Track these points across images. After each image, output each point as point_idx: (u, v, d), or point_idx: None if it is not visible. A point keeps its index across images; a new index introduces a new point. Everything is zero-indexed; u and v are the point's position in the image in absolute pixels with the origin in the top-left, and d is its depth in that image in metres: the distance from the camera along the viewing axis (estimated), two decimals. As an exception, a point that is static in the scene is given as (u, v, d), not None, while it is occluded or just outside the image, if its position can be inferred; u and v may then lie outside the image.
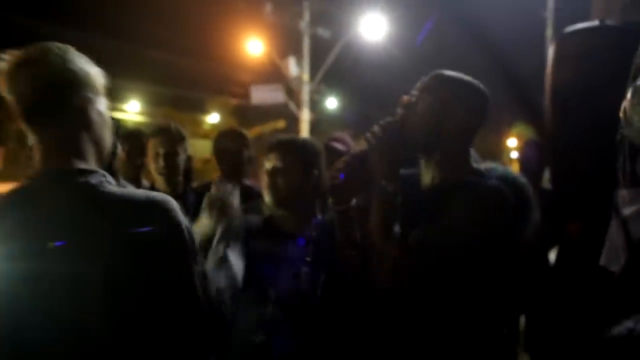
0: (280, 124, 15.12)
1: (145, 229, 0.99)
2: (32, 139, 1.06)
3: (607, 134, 1.49)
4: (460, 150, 1.41)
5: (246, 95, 13.11)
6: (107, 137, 1.12)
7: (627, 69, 1.46)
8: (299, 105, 12.26)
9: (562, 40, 2.09)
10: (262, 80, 12.81)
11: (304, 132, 12.18)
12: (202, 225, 1.48)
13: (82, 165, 1.04)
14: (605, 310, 1.35)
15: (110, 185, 1.05)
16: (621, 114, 1.30)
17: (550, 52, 2.11)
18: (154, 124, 2.45)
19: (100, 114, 1.10)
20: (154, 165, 2.28)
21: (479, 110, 1.41)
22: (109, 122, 1.13)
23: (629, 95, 1.27)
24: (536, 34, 11.13)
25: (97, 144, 1.10)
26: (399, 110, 1.40)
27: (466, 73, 1.45)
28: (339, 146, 2.63)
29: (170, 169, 2.25)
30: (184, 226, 1.05)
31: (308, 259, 1.64)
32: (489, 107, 1.43)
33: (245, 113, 15.99)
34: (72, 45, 1.09)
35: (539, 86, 2.19)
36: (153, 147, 2.29)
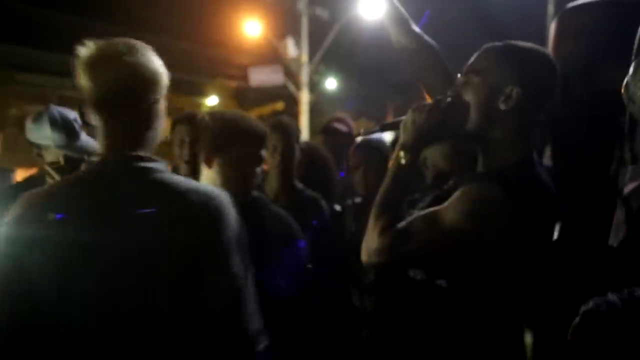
0: (280, 105, 15.05)
1: (205, 216, 1.08)
2: (97, 125, 1.13)
3: (608, 111, 1.48)
4: (512, 135, 1.24)
5: (245, 78, 13.03)
6: (161, 133, 1.20)
7: (630, 44, 1.44)
8: (298, 86, 12.19)
9: (564, 16, 2.06)
10: (260, 62, 12.71)
11: (304, 113, 12.13)
12: None
13: (146, 155, 1.13)
14: (603, 283, 1.36)
15: (172, 174, 1.13)
16: (623, 91, 1.29)
17: (552, 28, 2.09)
18: (180, 113, 2.43)
19: (161, 112, 1.18)
20: (179, 152, 2.28)
21: (541, 85, 1.24)
22: (164, 119, 1.20)
23: (631, 71, 1.25)
24: (538, 9, 11.00)
25: (154, 138, 1.17)
26: (449, 93, 1.26)
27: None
28: (340, 127, 2.62)
29: (195, 157, 2.26)
30: (236, 225, 1.13)
31: (309, 265, 1.61)
32: (556, 76, 1.26)
33: (244, 95, 15.91)
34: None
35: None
36: (179, 134, 2.28)
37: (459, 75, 1.30)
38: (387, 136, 2.34)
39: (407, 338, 1.35)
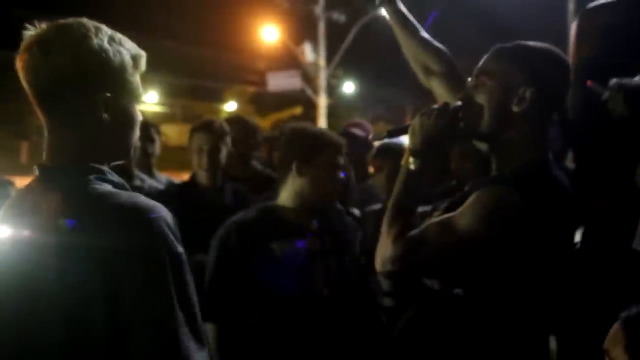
0: (298, 110, 15.12)
1: (116, 238, 0.85)
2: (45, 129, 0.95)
3: (631, 111, 1.45)
4: (526, 137, 1.21)
5: (263, 83, 13.12)
6: (129, 137, 0.98)
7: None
8: (315, 91, 12.22)
9: (586, 15, 2.03)
10: (278, 67, 12.78)
11: (322, 117, 12.15)
12: None
13: (85, 164, 0.92)
14: (628, 289, 1.32)
15: (103, 186, 0.91)
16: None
17: (573, 27, 2.05)
18: (199, 119, 2.50)
19: (122, 111, 0.95)
20: (196, 161, 2.31)
21: (554, 84, 1.22)
22: (133, 120, 0.98)
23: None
24: (558, 8, 10.86)
25: (115, 143, 0.96)
26: (460, 96, 1.24)
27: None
28: (358, 132, 2.61)
29: (213, 164, 2.28)
30: (168, 241, 0.87)
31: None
32: (569, 75, 1.23)
33: (262, 100, 16.02)
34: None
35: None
36: (196, 142, 2.31)
37: (469, 78, 1.27)
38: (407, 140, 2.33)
39: (427, 347, 1.33)
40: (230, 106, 17.70)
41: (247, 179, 2.59)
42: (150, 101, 16.11)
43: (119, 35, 0.95)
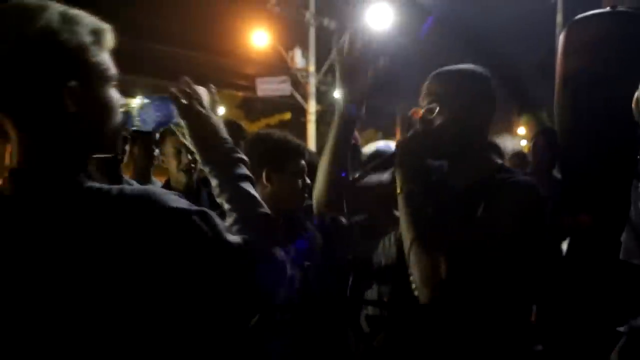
0: (287, 116, 15.10)
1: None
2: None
3: (618, 124, 1.46)
4: (483, 145, 1.34)
5: (252, 88, 13.08)
6: (108, 126, 0.85)
7: (638, 56, 1.42)
8: (305, 97, 12.22)
9: (573, 28, 2.05)
10: (268, 72, 12.76)
11: (311, 123, 12.15)
12: None
13: (61, 169, 0.81)
14: (623, 302, 1.33)
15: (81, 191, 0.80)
16: (633, 104, 1.27)
17: (561, 39, 2.07)
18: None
19: (92, 99, 0.82)
20: (174, 162, 2.27)
21: (492, 97, 1.34)
22: (109, 106, 0.85)
23: (641, 84, 1.23)
24: (546, 21, 10.98)
25: (92, 137, 0.84)
26: (418, 125, 1.30)
27: (474, 62, 1.37)
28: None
29: (189, 166, 2.25)
30: (182, 209, 0.80)
31: (307, 263, 1.64)
32: (494, 88, 1.37)
33: (252, 106, 15.97)
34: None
35: (550, 74, 2.15)
36: (171, 145, 2.27)
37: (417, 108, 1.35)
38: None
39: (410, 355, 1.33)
40: (219, 111, 17.61)
41: None
42: (138, 104, 15.96)
43: (72, 11, 0.80)
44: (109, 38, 0.85)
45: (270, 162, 1.64)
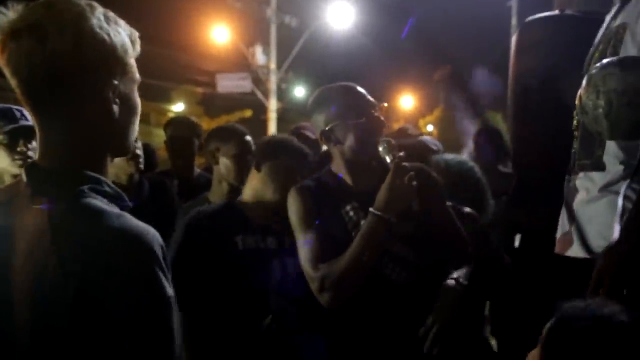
0: (247, 113, 14.97)
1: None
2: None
3: (567, 121, 1.53)
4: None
5: (212, 84, 12.92)
6: (134, 127, 0.88)
7: (583, 56, 1.49)
8: (266, 94, 12.16)
9: (524, 29, 2.12)
10: (228, 68, 12.63)
11: (272, 121, 12.10)
12: None
13: (83, 168, 0.80)
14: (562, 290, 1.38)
15: (95, 200, 0.78)
16: (576, 101, 1.33)
17: (513, 40, 2.15)
18: (146, 119, 2.39)
19: (128, 99, 0.85)
20: (123, 165, 2.21)
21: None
22: (138, 108, 0.88)
23: (584, 83, 1.29)
24: (504, 23, 11.30)
25: (122, 136, 0.85)
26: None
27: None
28: (309, 133, 2.61)
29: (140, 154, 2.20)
30: (153, 284, 0.75)
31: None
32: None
33: (212, 102, 15.77)
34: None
35: (505, 76, 2.22)
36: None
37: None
38: None
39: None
40: (178, 107, 17.31)
41: (189, 179, 2.57)
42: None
43: (111, 13, 0.83)
44: (139, 43, 0.88)
45: (261, 152, 1.74)
